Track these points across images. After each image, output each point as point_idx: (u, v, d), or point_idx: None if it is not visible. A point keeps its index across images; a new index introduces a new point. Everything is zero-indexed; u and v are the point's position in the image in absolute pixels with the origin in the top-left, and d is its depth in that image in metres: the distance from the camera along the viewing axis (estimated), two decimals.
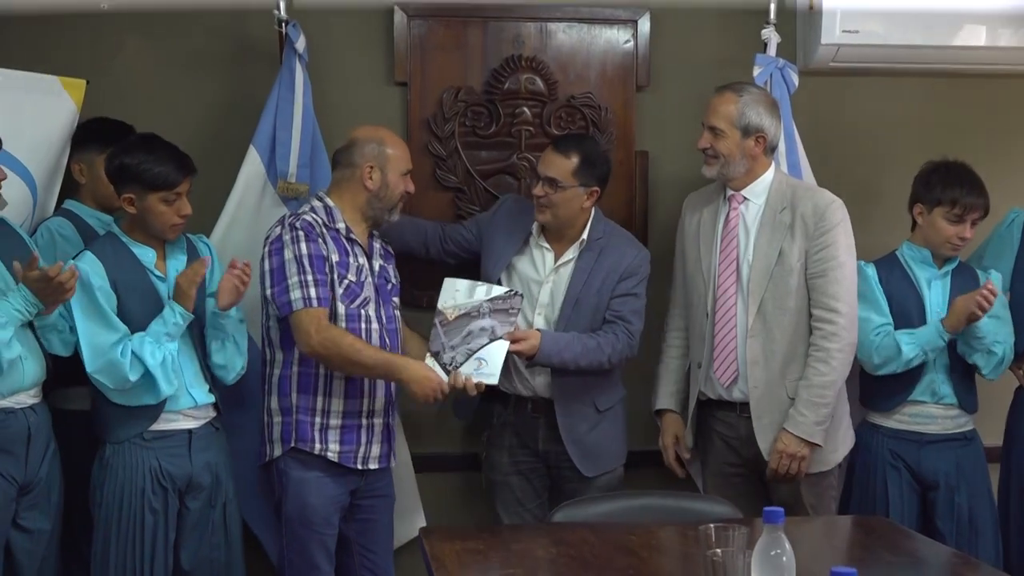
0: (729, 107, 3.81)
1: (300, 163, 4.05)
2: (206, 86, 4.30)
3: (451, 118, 4.35)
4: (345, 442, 3.68)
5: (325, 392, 3.67)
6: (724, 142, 3.81)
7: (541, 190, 3.90)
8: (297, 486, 3.66)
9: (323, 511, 3.68)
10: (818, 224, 3.77)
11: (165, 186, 3.51)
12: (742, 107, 3.80)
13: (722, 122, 3.80)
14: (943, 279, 4.04)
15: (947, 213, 3.97)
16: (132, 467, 3.52)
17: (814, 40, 4.37)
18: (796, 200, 3.82)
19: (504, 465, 4.05)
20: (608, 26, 4.44)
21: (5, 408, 3.36)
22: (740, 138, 3.80)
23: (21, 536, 3.44)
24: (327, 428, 3.66)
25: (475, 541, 3.05)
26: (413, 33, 4.35)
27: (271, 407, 3.70)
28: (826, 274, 3.76)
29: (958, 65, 4.49)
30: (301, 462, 3.66)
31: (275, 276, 3.62)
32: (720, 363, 3.84)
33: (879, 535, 3.23)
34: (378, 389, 3.74)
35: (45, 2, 4.21)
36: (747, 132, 3.81)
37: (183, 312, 3.52)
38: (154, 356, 3.46)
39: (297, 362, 3.67)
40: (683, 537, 2.99)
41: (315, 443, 3.65)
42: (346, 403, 3.68)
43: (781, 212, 3.81)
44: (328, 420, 3.67)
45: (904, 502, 3.99)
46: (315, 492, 3.67)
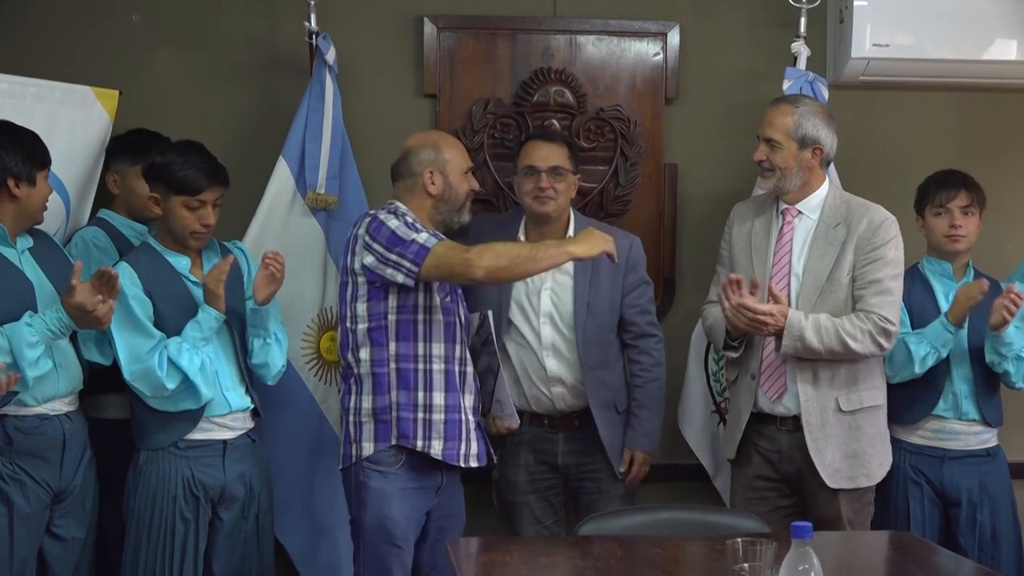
0: (785, 119, 3.76)
1: (329, 174, 4.07)
2: (237, 97, 4.33)
3: (480, 130, 4.36)
4: (448, 438, 3.58)
5: (426, 387, 3.58)
6: (780, 154, 3.76)
7: (547, 181, 3.88)
8: (378, 497, 3.56)
9: (404, 525, 3.57)
10: (871, 239, 3.71)
11: (187, 191, 3.53)
12: (798, 118, 3.75)
13: (778, 134, 3.75)
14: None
15: (932, 210, 4.04)
16: (165, 475, 3.53)
17: (844, 53, 4.36)
18: (851, 215, 3.76)
19: (521, 484, 4.01)
20: (637, 39, 4.45)
21: (40, 415, 3.39)
22: (797, 150, 3.75)
23: (55, 544, 3.46)
24: (430, 424, 3.57)
25: (503, 553, 3.05)
26: (443, 45, 4.37)
27: (362, 407, 3.60)
28: (867, 288, 3.70)
29: (989, 79, 4.47)
30: (383, 474, 3.56)
31: (391, 241, 3.49)
32: (767, 377, 3.79)
33: (907, 550, 3.21)
34: (470, 381, 3.67)
35: (78, 14, 4.25)
36: (804, 144, 3.76)
37: (217, 314, 3.52)
38: (192, 362, 3.47)
39: (394, 358, 3.57)
40: (710, 551, 2.98)
41: (418, 440, 3.55)
42: (447, 396, 3.59)
43: (835, 227, 3.75)
44: (431, 415, 3.58)
45: (926, 517, 3.98)
46: (396, 506, 3.56)
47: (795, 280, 3.77)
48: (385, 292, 3.57)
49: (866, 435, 3.76)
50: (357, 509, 3.60)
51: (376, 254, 3.52)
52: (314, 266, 4.10)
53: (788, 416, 3.77)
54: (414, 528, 3.61)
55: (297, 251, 3.99)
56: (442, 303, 3.61)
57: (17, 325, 3.27)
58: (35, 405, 3.36)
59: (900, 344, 3.88)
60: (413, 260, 3.47)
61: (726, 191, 4.27)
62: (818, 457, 3.71)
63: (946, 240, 4.01)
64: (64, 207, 3.78)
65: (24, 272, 3.40)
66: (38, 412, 3.38)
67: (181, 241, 3.60)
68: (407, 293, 3.56)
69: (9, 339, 3.25)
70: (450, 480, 3.69)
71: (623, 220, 4.32)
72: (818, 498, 3.77)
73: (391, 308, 3.57)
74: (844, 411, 3.74)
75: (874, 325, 3.65)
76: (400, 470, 3.57)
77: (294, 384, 4.01)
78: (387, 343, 3.58)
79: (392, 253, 3.49)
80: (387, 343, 3.58)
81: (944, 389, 3.97)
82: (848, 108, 4.47)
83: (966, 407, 3.97)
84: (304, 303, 4.06)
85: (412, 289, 3.55)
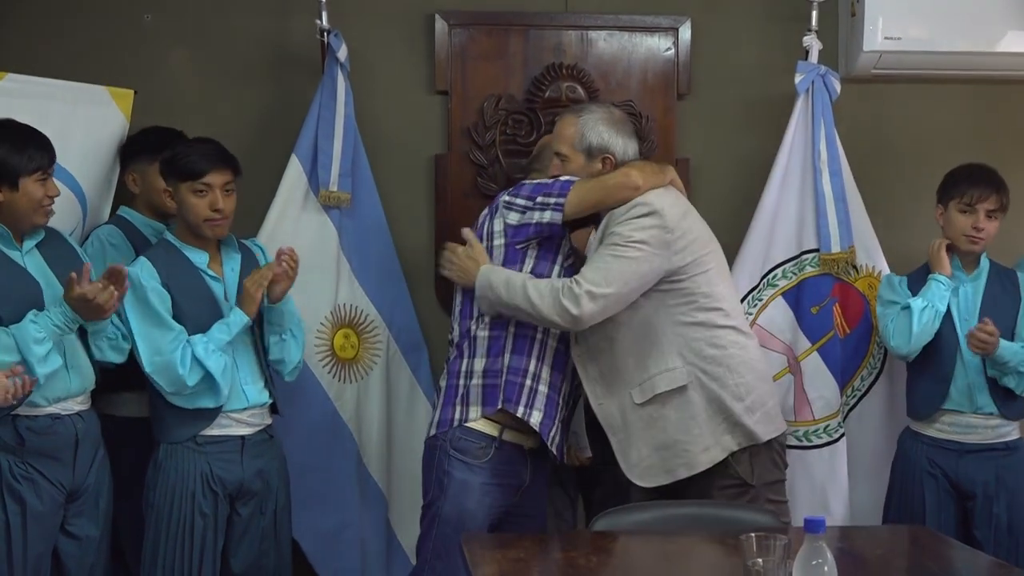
0: (569, 130, 3.61)
1: (342, 172, 4.08)
2: (249, 95, 4.35)
3: (492, 126, 4.37)
4: (548, 414, 3.55)
5: (540, 357, 3.56)
6: (569, 167, 3.61)
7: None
8: (459, 488, 3.52)
9: (481, 521, 3.52)
10: (608, 224, 3.48)
11: (192, 175, 3.54)
12: (581, 128, 3.59)
13: (564, 146, 3.62)
14: (974, 282, 4.01)
15: (958, 204, 3.98)
16: (183, 470, 3.54)
17: (856, 47, 4.35)
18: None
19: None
20: (649, 34, 4.45)
21: (52, 414, 3.39)
22: (585, 161, 3.59)
23: (69, 543, 3.47)
24: (536, 393, 3.54)
25: (516, 550, 3.05)
26: (454, 42, 4.38)
27: (473, 369, 3.57)
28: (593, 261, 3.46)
29: (1001, 71, 4.46)
30: (467, 465, 3.51)
31: (536, 189, 3.54)
32: None
33: (921, 544, 3.21)
34: (571, 373, 3.63)
35: (91, 14, 4.28)
36: (591, 154, 3.59)
37: (247, 320, 3.54)
38: (218, 363, 3.48)
39: (514, 322, 3.54)
40: (724, 546, 2.98)
41: (520, 405, 3.51)
42: (553, 374, 3.57)
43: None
44: (537, 385, 3.55)
45: (941, 510, 3.96)
46: (476, 499, 3.52)
47: None
48: (523, 256, 3.57)
49: (672, 423, 3.47)
50: (436, 495, 3.55)
51: (519, 208, 3.55)
52: (327, 263, 4.11)
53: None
54: (488, 524, 3.57)
55: (310, 249, 4.00)
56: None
57: (23, 324, 3.28)
58: (46, 405, 3.37)
59: (900, 311, 3.91)
60: (559, 193, 3.49)
61: (738, 186, 4.27)
62: (624, 460, 3.54)
63: (965, 239, 3.98)
64: (80, 206, 3.80)
65: (30, 272, 3.40)
66: (50, 412, 3.39)
67: (196, 231, 3.60)
68: (543, 259, 3.56)
69: (16, 338, 3.26)
70: (535, 480, 3.65)
71: None
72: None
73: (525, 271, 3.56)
74: (640, 404, 3.51)
75: (563, 285, 3.40)
76: (486, 464, 3.53)
77: (308, 382, 4.02)
78: None
79: (539, 196, 3.52)
80: None
81: (955, 382, 3.96)
82: (860, 101, 4.48)
83: (981, 400, 3.95)
84: (317, 301, 4.07)
85: (548, 258, 3.56)
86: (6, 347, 3.25)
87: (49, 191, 3.40)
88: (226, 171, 3.59)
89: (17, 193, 3.34)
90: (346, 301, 4.15)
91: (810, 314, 4.22)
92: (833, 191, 4.17)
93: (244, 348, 3.62)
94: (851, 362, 4.25)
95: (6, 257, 3.38)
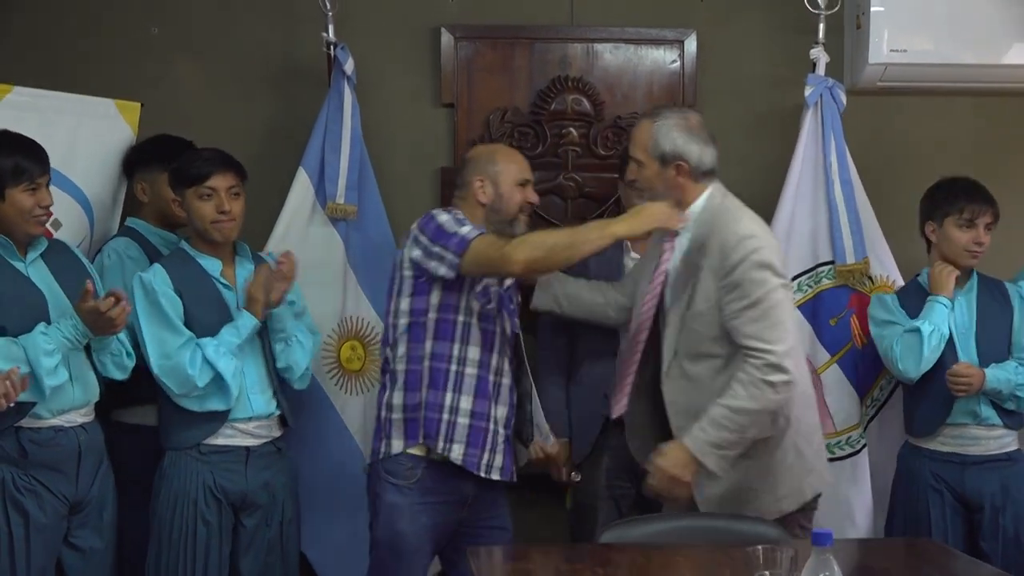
0: (643, 135, 3.50)
1: (348, 185, 4.09)
2: (256, 108, 4.36)
3: (498, 139, 4.37)
4: (471, 444, 3.56)
5: (455, 388, 3.56)
6: (643, 173, 3.52)
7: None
8: (389, 511, 3.56)
9: (414, 540, 3.55)
10: (723, 263, 3.37)
11: (196, 180, 3.57)
12: (655, 134, 3.47)
13: (639, 151, 3.51)
14: (966, 295, 4.00)
15: (957, 220, 3.96)
16: (186, 478, 3.55)
17: (862, 59, 4.36)
18: (707, 235, 3.43)
19: (599, 488, 3.96)
20: (654, 46, 4.46)
21: (55, 426, 3.40)
22: (659, 168, 3.47)
23: (73, 555, 3.47)
24: (454, 426, 3.55)
25: (523, 562, 3.05)
26: (460, 55, 4.39)
27: (393, 403, 3.61)
28: (740, 315, 3.34)
29: (1007, 83, 4.46)
30: (398, 488, 3.55)
31: (436, 234, 3.51)
32: (615, 396, 3.63)
33: (927, 557, 3.21)
34: (504, 393, 3.66)
35: (98, 27, 4.29)
36: (664, 161, 3.46)
37: (255, 321, 3.56)
38: (229, 365, 3.50)
39: (429, 356, 3.57)
40: (731, 559, 2.98)
41: (439, 440, 3.53)
42: (476, 402, 3.57)
43: (697, 250, 3.44)
44: (456, 418, 3.56)
45: (948, 524, 3.94)
46: (407, 519, 3.55)
47: (663, 309, 3.53)
48: (429, 288, 3.57)
49: (753, 469, 3.42)
50: (372, 520, 3.62)
51: (422, 247, 3.54)
52: (334, 276, 4.12)
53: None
54: (428, 542, 3.59)
55: (317, 261, 4.02)
56: (483, 310, 3.58)
57: (32, 335, 3.29)
58: (50, 417, 3.38)
59: (905, 333, 3.89)
60: (455, 252, 3.47)
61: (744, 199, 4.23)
62: (698, 492, 3.42)
63: (967, 254, 3.97)
64: (87, 218, 3.81)
65: (34, 282, 3.41)
66: (53, 424, 3.39)
67: (205, 235, 3.62)
68: (450, 292, 3.56)
69: (25, 349, 3.27)
70: (485, 491, 3.65)
71: None
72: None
73: (432, 306, 3.57)
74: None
75: (754, 368, 3.30)
76: (415, 485, 3.56)
77: (315, 394, 4.03)
78: (424, 340, 3.58)
79: (436, 245, 3.50)
80: (424, 340, 3.58)
81: (957, 398, 3.93)
82: (866, 114, 4.48)
83: (986, 412, 3.94)
84: (324, 313, 4.06)
85: (455, 289, 3.55)
86: (12, 357, 3.25)
87: (40, 201, 3.39)
88: (229, 174, 3.61)
89: (4, 204, 3.35)
90: (352, 313, 4.15)
91: (828, 326, 4.23)
92: (845, 203, 4.18)
93: (253, 357, 3.63)
94: (870, 373, 4.24)
95: (10, 267, 3.39)
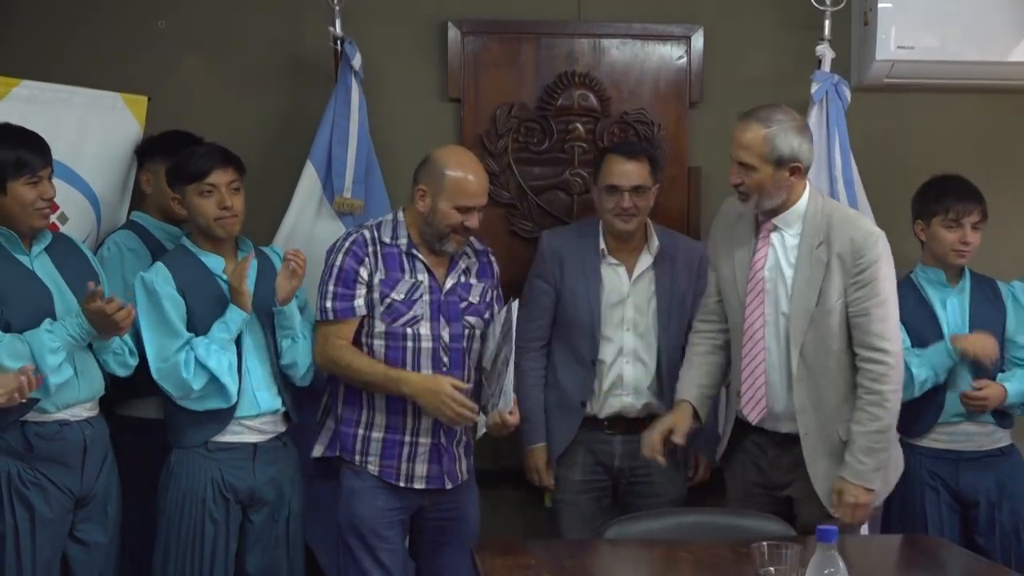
0: (756, 140, 3.47)
1: (355, 179, 4.10)
2: (264, 102, 4.37)
3: (504, 134, 4.38)
4: (386, 456, 3.63)
5: (369, 405, 3.64)
6: (755, 177, 3.48)
7: (629, 200, 3.88)
8: (348, 496, 3.65)
9: (371, 523, 3.63)
10: (856, 260, 3.47)
11: (196, 176, 3.55)
12: (771, 138, 3.45)
13: (751, 157, 3.47)
14: (959, 295, 4.00)
15: (943, 220, 3.96)
16: (194, 476, 3.54)
17: (868, 56, 4.35)
18: (832, 232, 3.51)
19: (576, 484, 4.00)
20: (661, 42, 4.45)
21: (60, 420, 3.40)
22: (773, 171, 3.46)
23: (78, 549, 3.47)
24: (369, 441, 3.64)
25: (527, 556, 3.06)
26: (467, 50, 4.39)
27: (328, 408, 3.75)
28: (869, 312, 3.47)
29: (1013, 81, 4.45)
30: (355, 472, 3.65)
31: (325, 275, 3.64)
32: (748, 400, 3.63)
33: (930, 553, 3.22)
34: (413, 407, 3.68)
35: (105, 20, 4.29)
36: (780, 164, 3.46)
37: (243, 314, 3.53)
38: (220, 362, 3.48)
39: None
40: (736, 555, 2.98)
41: (355, 455, 3.65)
42: (388, 418, 3.63)
43: (818, 247, 3.51)
44: (370, 433, 3.64)
45: (944, 521, 3.93)
46: (365, 503, 3.64)
47: (768, 300, 3.58)
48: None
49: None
50: (336, 507, 3.70)
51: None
52: None
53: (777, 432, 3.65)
54: (389, 525, 3.66)
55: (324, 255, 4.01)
56: (387, 329, 3.61)
57: (37, 332, 3.29)
58: (55, 412, 3.38)
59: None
60: (322, 318, 3.63)
61: None
62: (822, 490, 3.54)
63: (954, 254, 3.96)
64: (94, 212, 3.82)
65: (39, 277, 3.41)
66: (58, 418, 3.39)
67: (209, 232, 3.60)
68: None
69: (31, 345, 3.27)
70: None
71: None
72: (804, 507, 3.62)
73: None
74: (844, 441, 3.52)
75: (875, 382, 3.47)
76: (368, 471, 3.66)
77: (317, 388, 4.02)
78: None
79: (322, 284, 3.63)
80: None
81: (949, 397, 3.92)
82: (872, 111, 4.47)
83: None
84: None
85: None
86: (18, 353, 3.26)
87: (43, 193, 3.38)
88: (229, 169, 3.59)
89: (6, 197, 3.34)
90: None
91: None
92: (848, 201, 4.17)
93: (257, 354, 3.63)
94: None
95: (15, 262, 3.39)
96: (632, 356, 3.97)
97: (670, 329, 3.96)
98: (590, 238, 4.00)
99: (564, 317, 3.99)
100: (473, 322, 3.71)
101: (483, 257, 3.81)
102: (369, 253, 3.62)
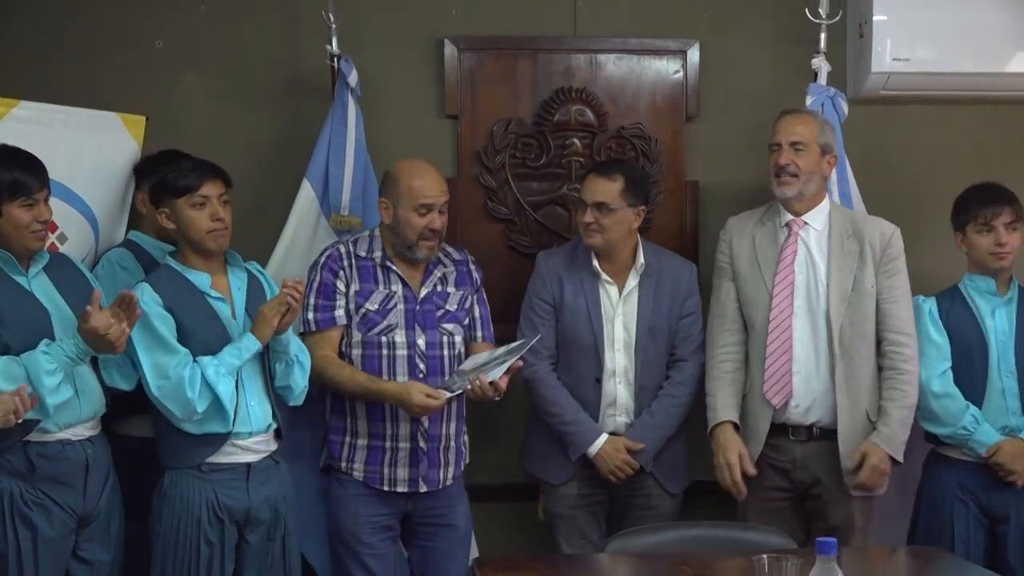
0: (810, 124, 3.91)
1: (352, 196, 4.11)
2: (261, 120, 4.37)
3: (501, 150, 4.39)
4: (370, 462, 3.77)
5: (352, 413, 3.80)
6: (806, 158, 3.87)
7: (591, 216, 3.91)
8: (334, 504, 3.82)
9: (354, 529, 3.78)
10: (886, 251, 3.90)
11: (188, 189, 3.54)
12: (820, 126, 3.92)
13: (806, 137, 3.87)
14: (1007, 306, 3.98)
15: (975, 226, 3.97)
16: (188, 498, 3.52)
17: (864, 68, 4.37)
18: (859, 229, 3.92)
19: (571, 498, 4.01)
20: (657, 57, 4.46)
21: (62, 440, 3.39)
22: (820, 155, 3.90)
23: (81, 568, 3.46)
24: (355, 448, 3.79)
25: (529, 571, 3.05)
26: (463, 66, 4.40)
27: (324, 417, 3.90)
28: (899, 300, 3.90)
29: (1010, 92, 4.46)
30: (340, 481, 3.81)
31: (308, 290, 3.76)
32: (772, 386, 3.85)
33: (935, 566, 3.20)
34: (399, 413, 3.75)
35: (102, 41, 4.31)
36: (824, 151, 3.90)
37: (260, 345, 3.52)
38: (228, 387, 3.48)
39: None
40: (736, 567, 2.98)
41: (342, 461, 3.80)
42: (370, 425, 3.77)
43: (848, 239, 3.90)
44: (356, 440, 3.79)
45: (971, 537, 3.87)
46: (348, 511, 3.78)
47: (799, 293, 3.88)
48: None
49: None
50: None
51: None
52: None
53: (802, 426, 3.85)
54: (373, 531, 3.79)
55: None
56: (363, 339, 3.76)
57: (33, 354, 3.28)
58: (57, 431, 3.37)
59: (960, 406, 3.89)
60: (305, 329, 3.78)
61: (747, 208, 4.26)
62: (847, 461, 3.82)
63: (992, 257, 3.95)
64: (92, 232, 3.82)
65: (37, 297, 3.40)
66: (60, 438, 3.38)
67: (200, 246, 3.57)
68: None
69: (27, 367, 3.26)
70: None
71: (645, 238, 4.33)
72: (830, 507, 3.83)
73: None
74: (874, 421, 3.85)
75: (905, 363, 3.85)
76: (354, 479, 3.80)
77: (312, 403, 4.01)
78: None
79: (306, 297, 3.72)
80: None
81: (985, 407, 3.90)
82: (869, 123, 4.48)
83: (1015, 423, 3.90)
84: None
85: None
86: (14, 376, 3.24)
87: (38, 216, 3.36)
88: (218, 181, 3.59)
89: (2, 219, 3.33)
90: None
91: None
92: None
93: (252, 373, 3.61)
94: None
95: (12, 282, 3.38)
96: (623, 376, 3.99)
97: (648, 349, 3.98)
98: (584, 257, 4.01)
99: (565, 337, 4.01)
100: (451, 329, 3.83)
101: (462, 266, 3.91)
102: (344, 266, 3.79)
